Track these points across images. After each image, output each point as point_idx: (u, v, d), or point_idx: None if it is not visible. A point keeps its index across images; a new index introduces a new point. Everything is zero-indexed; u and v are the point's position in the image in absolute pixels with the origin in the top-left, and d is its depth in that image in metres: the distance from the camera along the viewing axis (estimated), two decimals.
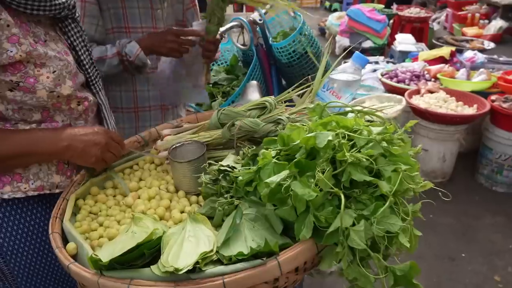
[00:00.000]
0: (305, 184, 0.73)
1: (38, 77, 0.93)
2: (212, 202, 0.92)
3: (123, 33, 1.47)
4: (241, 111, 1.09)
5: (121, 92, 1.57)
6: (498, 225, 2.74)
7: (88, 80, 1.12)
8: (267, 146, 0.95)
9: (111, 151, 1.07)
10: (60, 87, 0.98)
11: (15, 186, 1.00)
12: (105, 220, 1.01)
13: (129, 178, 1.17)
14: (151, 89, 1.57)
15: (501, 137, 2.94)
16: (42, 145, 0.97)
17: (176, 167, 1.03)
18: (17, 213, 1.02)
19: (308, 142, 0.77)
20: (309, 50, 1.97)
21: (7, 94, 0.92)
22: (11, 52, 0.87)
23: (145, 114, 1.61)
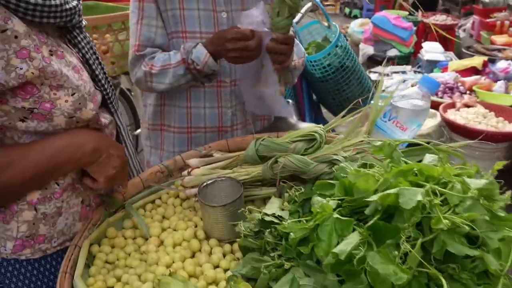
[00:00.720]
0: (386, 258, 0.55)
1: (55, 101, 0.77)
2: (254, 261, 0.75)
3: (179, 39, 1.27)
4: (284, 142, 0.93)
5: (174, 107, 1.34)
6: None
7: (105, 98, 0.97)
8: (320, 192, 0.78)
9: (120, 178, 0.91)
10: (80, 112, 0.81)
11: (36, 248, 0.85)
12: (124, 273, 0.85)
13: (151, 216, 1.01)
14: (209, 106, 1.32)
15: None
16: (68, 152, 0.80)
17: (207, 211, 0.87)
18: (28, 270, 0.86)
19: (387, 200, 0.60)
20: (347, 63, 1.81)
21: (18, 125, 0.76)
22: (21, 70, 0.71)
23: (199, 136, 1.36)
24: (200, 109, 1.31)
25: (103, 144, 0.84)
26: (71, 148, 0.80)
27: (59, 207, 0.84)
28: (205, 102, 1.30)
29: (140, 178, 1.07)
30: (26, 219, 0.80)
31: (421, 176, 0.63)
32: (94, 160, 0.82)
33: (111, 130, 0.98)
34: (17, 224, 0.80)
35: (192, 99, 1.30)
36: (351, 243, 0.59)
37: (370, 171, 0.67)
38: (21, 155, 0.75)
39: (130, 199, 1.04)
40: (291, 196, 0.84)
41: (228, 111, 1.32)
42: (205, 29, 1.25)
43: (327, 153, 0.85)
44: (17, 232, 0.80)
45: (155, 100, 1.35)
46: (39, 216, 0.81)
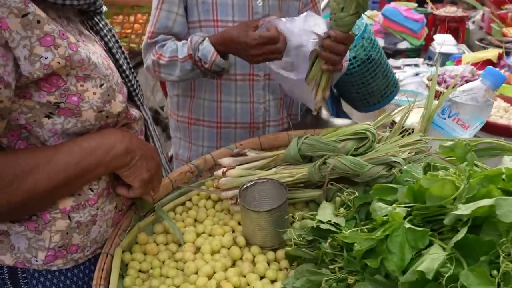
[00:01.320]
0: (484, 279, 0.48)
1: (83, 93, 0.68)
2: (310, 273, 0.68)
3: (211, 28, 1.19)
4: (331, 141, 0.85)
5: (204, 100, 1.26)
6: None
7: (131, 90, 0.88)
8: (380, 197, 0.70)
9: (154, 182, 0.84)
10: (109, 104, 0.73)
11: (69, 259, 0.77)
12: (161, 284, 0.78)
13: (182, 219, 0.94)
14: (240, 100, 1.24)
15: None
16: (97, 154, 0.71)
17: (250, 216, 0.80)
18: (60, 280, 0.79)
19: (478, 210, 0.52)
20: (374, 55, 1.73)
21: (43, 122, 0.68)
22: (46, 59, 0.62)
23: (229, 132, 1.28)
24: (231, 104, 1.23)
25: (135, 145, 0.76)
26: (101, 150, 0.72)
27: (94, 215, 0.76)
28: (236, 96, 1.22)
29: (169, 178, 1.00)
30: (60, 228, 0.73)
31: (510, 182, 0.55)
32: (126, 162, 0.75)
33: (141, 126, 0.90)
34: (50, 234, 0.72)
35: (222, 92, 1.22)
36: (438, 260, 0.51)
37: (446, 176, 0.60)
38: (47, 158, 0.67)
39: (160, 201, 0.97)
40: (343, 201, 0.77)
41: (261, 107, 1.24)
42: (238, 18, 1.16)
43: (382, 154, 0.78)
44: (50, 242, 0.73)
45: (182, 91, 1.27)
46: (73, 225, 0.74)
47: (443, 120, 0.82)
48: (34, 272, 0.75)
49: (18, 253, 0.74)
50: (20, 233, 0.72)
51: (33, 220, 0.71)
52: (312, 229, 0.72)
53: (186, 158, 1.34)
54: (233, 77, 1.21)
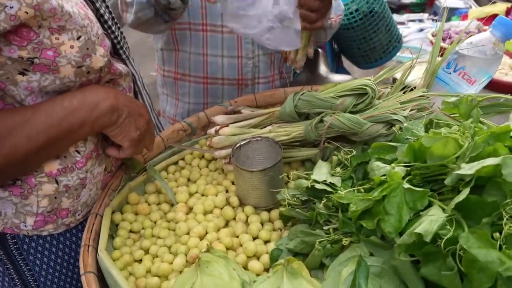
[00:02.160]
0: (486, 242, 0.45)
1: (58, 47, 0.62)
2: (304, 234, 0.66)
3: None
4: (328, 97, 0.81)
5: (190, 54, 1.19)
6: None
7: (115, 43, 0.82)
8: (379, 156, 0.67)
9: (146, 140, 0.79)
10: (89, 59, 0.67)
11: (60, 223, 0.75)
12: (152, 244, 0.76)
13: (175, 179, 0.92)
14: (227, 54, 1.16)
15: None
16: (81, 113, 0.66)
17: (243, 176, 0.77)
18: (53, 245, 0.77)
19: (482, 170, 0.49)
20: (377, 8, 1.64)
21: (18, 79, 0.62)
22: (11, 9, 0.55)
23: (216, 88, 1.21)
24: (217, 58, 1.16)
25: (121, 102, 0.71)
26: (84, 109, 0.66)
27: (82, 178, 0.73)
28: (223, 50, 1.15)
29: (161, 137, 0.96)
30: (47, 193, 0.70)
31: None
32: (113, 121, 0.70)
33: (129, 82, 0.85)
34: (37, 198, 0.69)
35: (208, 45, 1.14)
36: (437, 222, 0.49)
37: (449, 134, 0.56)
38: (24, 119, 0.62)
39: (151, 160, 0.94)
40: (340, 160, 0.73)
41: (250, 62, 1.17)
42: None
43: (383, 111, 0.73)
44: (38, 207, 0.70)
45: (165, 45, 1.20)
46: (61, 189, 0.71)
47: (448, 74, 0.77)
48: (24, 238, 0.73)
49: (6, 219, 0.71)
50: (5, 199, 0.69)
51: (18, 185, 0.68)
52: (306, 189, 0.69)
53: (173, 115, 1.29)
54: (219, 29, 1.13)
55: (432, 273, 0.50)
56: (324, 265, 0.63)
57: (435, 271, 0.50)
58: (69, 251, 0.78)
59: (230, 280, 0.58)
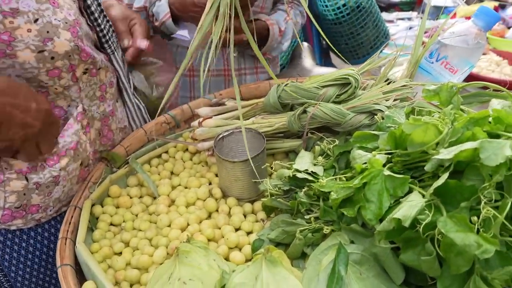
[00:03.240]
0: (464, 226, 0.45)
1: (13, 31, 0.60)
2: (285, 224, 0.65)
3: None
4: (312, 87, 0.80)
5: (177, 47, 1.19)
6: None
7: (100, 36, 0.80)
8: (361, 144, 0.66)
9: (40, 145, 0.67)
10: (51, 43, 0.63)
11: (29, 219, 0.73)
12: (132, 237, 0.75)
13: (158, 172, 0.91)
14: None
15: None
16: None
17: (226, 167, 0.76)
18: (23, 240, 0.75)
19: (460, 155, 0.48)
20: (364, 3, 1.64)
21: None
22: None
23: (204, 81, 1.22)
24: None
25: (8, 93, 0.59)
26: None
27: (55, 176, 0.71)
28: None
29: (144, 130, 0.95)
30: (15, 189, 0.68)
31: (500, 124, 0.51)
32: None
33: (110, 78, 0.84)
34: (4, 194, 0.67)
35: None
36: (416, 207, 0.48)
37: (429, 120, 0.55)
38: None
39: (134, 153, 0.92)
40: (323, 149, 0.73)
41: (234, 52, 1.16)
42: None
43: (366, 101, 0.73)
44: (5, 202, 0.68)
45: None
46: (31, 186, 0.69)
47: (431, 64, 0.77)
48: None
49: None
50: None
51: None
52: (288, 178, 0.68)
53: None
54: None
55: (411, 259, 0.50)
56: (306, 254, 0.63)
57: (414, 256, 0.50)
58: (41, 246, 0.76)
59: (209, 270, 0.57)
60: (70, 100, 0.74)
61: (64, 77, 0.70)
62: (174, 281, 0.54)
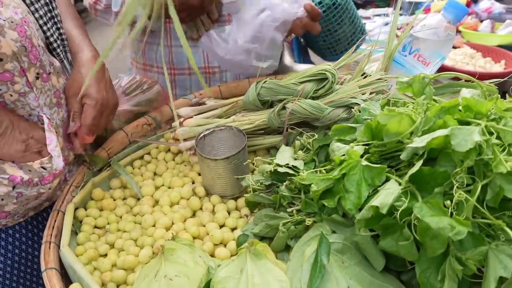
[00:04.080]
0: (438, 210, 0.47)
1: None
2: (269, 218, 0.66)
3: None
4: (290, 84, 0.81)
5: (157, 45, 1.17)
6: None
7: (51, 41, 0.76)
8: (339, 137, 0.68)
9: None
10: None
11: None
12: (117, 238, 0.75)
13: (141, 173, 0.91)
14: (192, 44, 1.11)
15: None
16: None
17: (208, 165, 0.76)
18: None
19: (432, 142, 0.50)
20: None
21: None
22: None
23: (183, 79, 1.19)
24: (182, 48, 1.14)
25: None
26: None
27: (41, 192, 0.70)
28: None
29: (124, 132, 0.95)
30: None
31: (469, 112, 0.53)
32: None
33: (63, 85, 0.80)
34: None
35: (172, 36, 1.13)
36: (392, 194, 0.50)
37: (403, 110, 0.57)
38: None
39: (115, 155, 0.92)
40: (303, 144, 0.74)
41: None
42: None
43: (343, 96, 0.75)
44: None
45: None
46: (12, 194, 0.68)
47: (404, 57, 0.79)
48: None
49: None
50: None
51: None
52: (270, 173, 0.69)
53: None
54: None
55: (390, 245, 0.52)
56: (289, 247, 0.64)
57: (393, 243, 0.51)
58: (5, 252, 0.75)
59: (195, 267, 0.57)
60: (29, 108, 0.72)
61: (18, 82, 0.68)
62: (161, 279, 0.55)
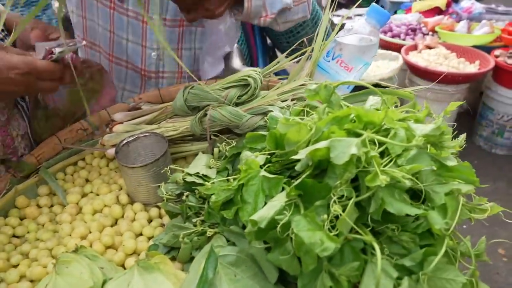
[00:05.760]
0: (314, 224, 0.46)
1: None
2: (176, 228, 0.65)
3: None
4: (215, 89, 0.80)
5: (98, 25, 1.11)
6: (499, 192, 2.57)
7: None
8: (251, 146, 0.67)
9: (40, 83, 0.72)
10: None
11: None
12: (32, 248, 0.73)
13: (72, 180, 0.89)
14: (132, 40, 1.08)
15: (504, 96, 2.71)
16: None
17: (127, 173, 0.75)
18: None
19: (316, 154, 0.49)
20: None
21: None
22: None
23: (120, 70, 1.14)
24: (122, 40, 1.09)
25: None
26: None
27: None
28: (128, 34, 1.08)
29: (58, 137, 0.93)
30: None
31: (359, 123, 0.52)
32: None
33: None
34: None
35: (115, 23, 1.07)
36: (275, 207, 0.49)
37: (302, 120, 0.56)
38: None
39: (47, 161, 0.90)
40: (221, 152, 0.73)
41: (153, 54, 1.10)
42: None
43: (261, 103, 0.73)
44: None
45: (76, 9, 1.12)
46: None
47: (327, 63, 0.78)
48: None
49: None
50: None
51: None
52: (183, 182, 0.68)
53: None
54: (125, 11, 1.06)
55: (276, 258, 0.51)
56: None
57: (278, 256, 0.50)
58: None
59: (88, 279, 0.56)
60: None
61: None
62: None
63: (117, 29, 1.08)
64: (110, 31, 1.09)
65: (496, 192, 2.56)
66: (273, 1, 1.06)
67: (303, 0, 1.17)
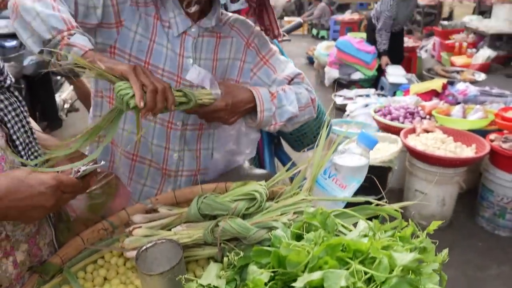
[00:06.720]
0: None
1: None
2: None
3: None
4: (225, 201, 0.91)
5: (123, 130, 1.22)
6: (503, 276, 2.56)
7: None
8: (257, 260, 0.76)
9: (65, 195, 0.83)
10: None
11: None
12: None
13: (92, 279, 0.97)
14: (156, 143, 1.21)
15: (502, 179, 2.80)
16: None
17: (145, 279, 0.83)
18: None
19: (313, 282, 0.58)
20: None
21: None
22: None
23: (142, 168, 1.25)
24: (147, 143, 1.22)
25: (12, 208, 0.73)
26: None
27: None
28: (153, 138, 1.22)
29: (81, 237, 1.02)
30: None
31: (349, 252, 0.62)
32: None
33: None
34: None
35: (141, 131, 1.20)
36: None
37: (300, 244, 0.66)
38: None
39: (69, 261, 0.99)
40: (230, 261, 0.82)
41: (175, 155, 1.24)
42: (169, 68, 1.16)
43: (266, 218, 0.84)
44: None
45: (96, 112, 1.25)
46: None
47: (324, 180, 0.89)
48: None
49: None
50: None
51: None
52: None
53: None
54: (152, 118, 1.19)
55: None
56: None
57: None
58: None
59: None
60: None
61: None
62: None
63: (144, 134, 1.22)
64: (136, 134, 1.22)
65: (501, 277, 2.55)
66: (281, 112, 1.22)
67: (308, 104, 1.32)
